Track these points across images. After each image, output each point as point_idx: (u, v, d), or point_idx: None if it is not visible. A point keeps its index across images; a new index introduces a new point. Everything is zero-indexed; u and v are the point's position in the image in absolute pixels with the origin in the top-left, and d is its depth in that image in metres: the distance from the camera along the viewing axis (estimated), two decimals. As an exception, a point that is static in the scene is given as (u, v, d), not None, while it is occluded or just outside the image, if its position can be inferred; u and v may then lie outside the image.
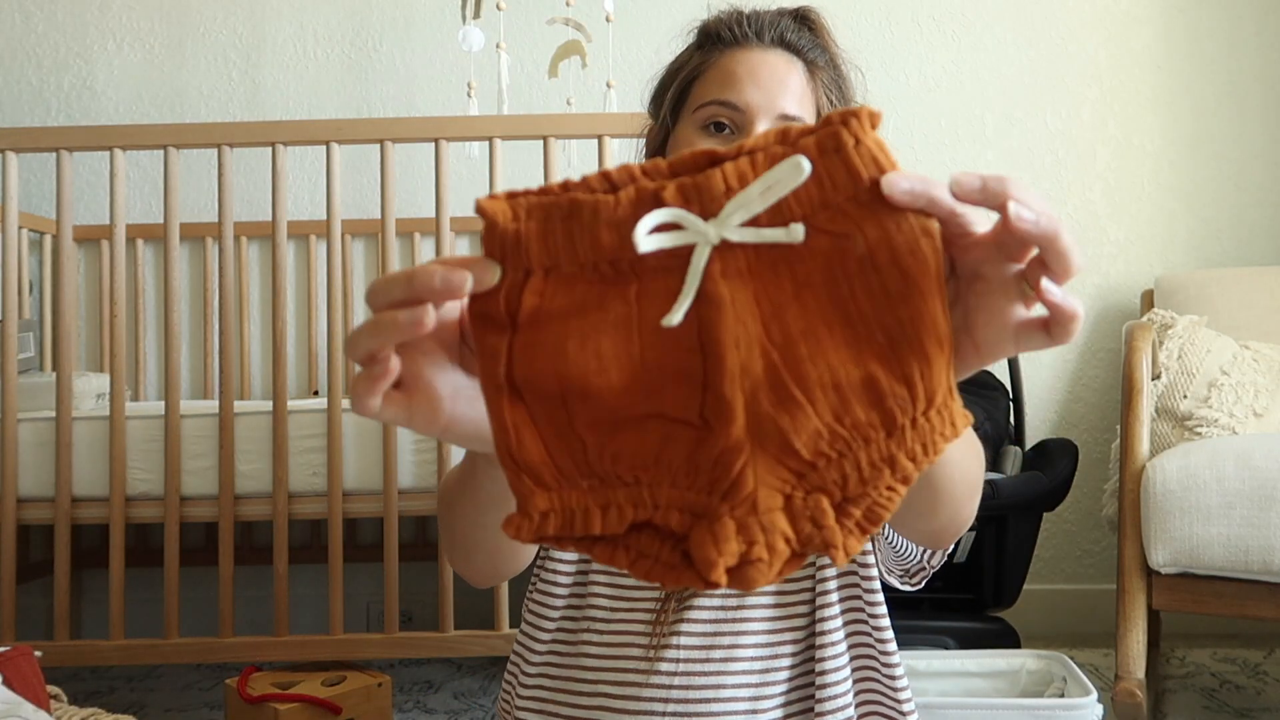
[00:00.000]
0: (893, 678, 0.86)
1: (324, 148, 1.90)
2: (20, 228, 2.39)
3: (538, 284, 0.44)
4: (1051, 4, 2.65)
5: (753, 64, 0.88)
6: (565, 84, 2.43)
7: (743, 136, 0.86)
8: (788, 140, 0.43)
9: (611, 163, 1.86)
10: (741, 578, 0.43)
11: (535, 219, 0.44)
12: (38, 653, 1.38)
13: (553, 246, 0.44)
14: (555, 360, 0.44)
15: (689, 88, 0.91)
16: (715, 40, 0.90)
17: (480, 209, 0.44)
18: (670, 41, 0.97)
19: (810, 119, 0.89)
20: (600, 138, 1.86)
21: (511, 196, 0.44)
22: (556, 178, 1.86)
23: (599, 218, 0.43)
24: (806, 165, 0.42)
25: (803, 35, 0.91)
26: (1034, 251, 0.42)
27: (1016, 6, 2.66)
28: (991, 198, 0.42)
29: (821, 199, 0.43)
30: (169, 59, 2.68)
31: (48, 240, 2.54)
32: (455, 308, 0.46)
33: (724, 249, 0.43)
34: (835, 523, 0.44)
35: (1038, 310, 0.44)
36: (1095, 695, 1.35)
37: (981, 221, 0.43)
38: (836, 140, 0.43)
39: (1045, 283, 0.42)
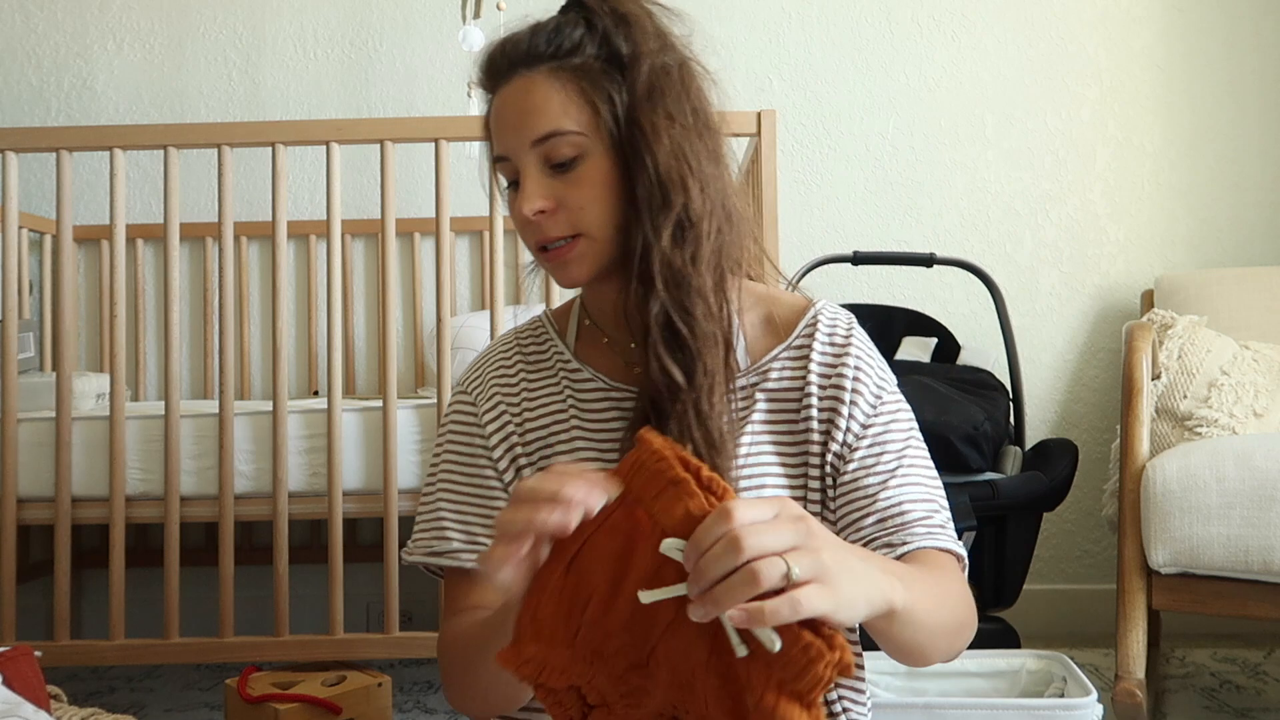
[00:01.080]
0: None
1: (324, 148, 1.90)
2: (20, 228, 2.39)
3: (629, 504, 0.62)
4: (1051, 4, 2.65)
5: (500, 109, 0.85)
6: (565, 84, 2.43)
7: (521, 184, 0.83)
8: (816, 635, 0.57)
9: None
10: None
11: (654, 470, 0.60)
12: (38, 653, 1.38)
13: (648, 492, 0.61)
14: (601, 563, 0.62)
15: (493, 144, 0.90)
16: (486, 89, 0.88)
17: (641, 436, 0.62)
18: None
19: (584, 123, 0.82)
20: (600, 138, 1.85)
21: (667, 442, 0.62)
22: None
23: (686, 504, 0.59)
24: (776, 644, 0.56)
25: (553, 38, 0.84)
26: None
27: (1016, 6, 2.66)
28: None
29: (769, 660, 0.56)
30: (169, 59, 2.69)
31: (48, 240, 2.54)
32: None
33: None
34: None
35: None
36: (1095, 695, 1.35)
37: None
38: (808, 651, 0.55)
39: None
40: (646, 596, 0.59)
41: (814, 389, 0.86)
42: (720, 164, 0.86)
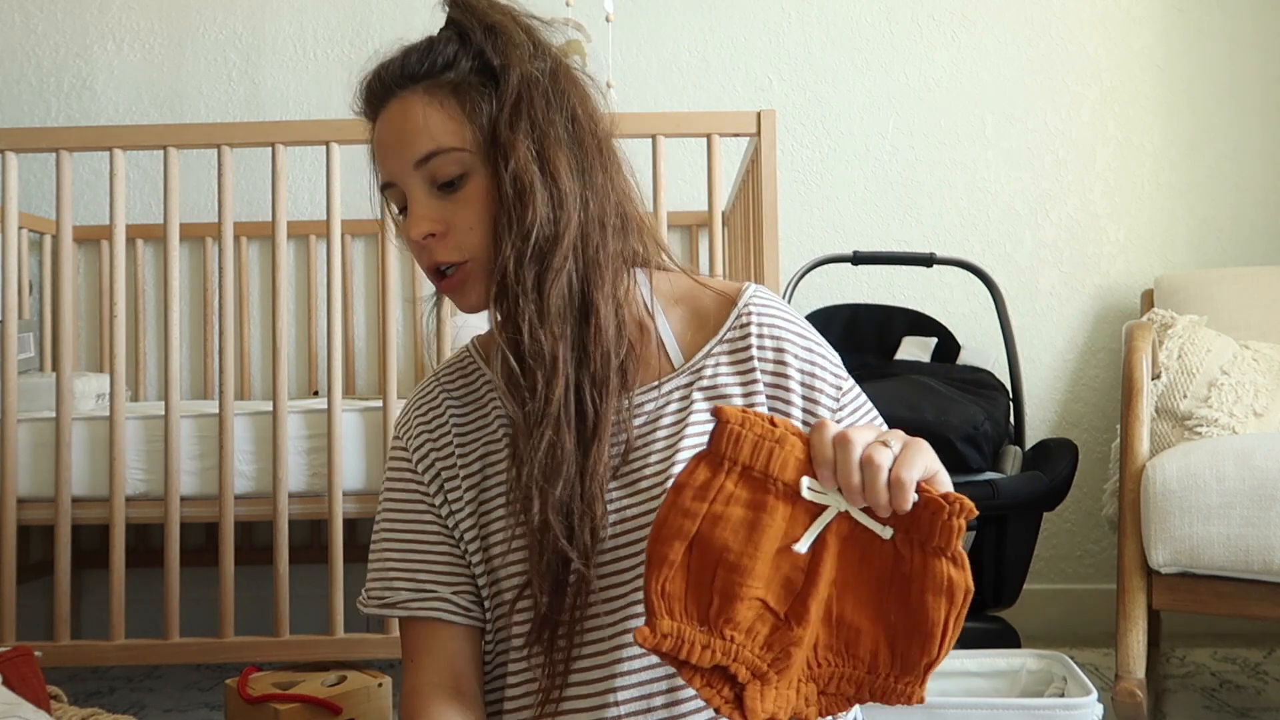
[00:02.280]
0: None
1: (324, 148, 1.90)
2: (20, 228, 2.39)
3: (737, 475, 0.66)
4: (1051, 4, 2.65)
5: (381, 135, 0.83)
6: (565, 84, 2.43)
7: (409, 207, 0.81)
8: (926, 483, 0.66)
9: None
10: None
11: (755, 432, 0.66)
12: (38, 653, 1.38)
13: (758, 455, 0.66)
14: (728, 534, 0.65)
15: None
16: (368, 115, 0.86)
17: (719, 410, 0.67)
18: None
19: (465, 139, 0.80)
20: (600, 138, 1.85)
21: (747, 412, 0.67)
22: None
23: (793, 453, 0.66)
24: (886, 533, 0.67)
25: (412, 55, 0.82)
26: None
27: (1016, 6, 2.66)
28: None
29: (907, 528, 0.66)
30: (169, 59, 2.69)
31: (48, 240, 2.54)
32: None
33: (843, 516, 0.67)
34: (814, 705, 0.69)
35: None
36: (1095, 695, 1.35)
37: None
38: (937, 508, 0.65)
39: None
40: (804, 543, 0.66)
41: (761, 392, 0.83)
42: (601, 171, 0.83)
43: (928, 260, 2.24)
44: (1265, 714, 1.88)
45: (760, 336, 0.85)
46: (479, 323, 2.29)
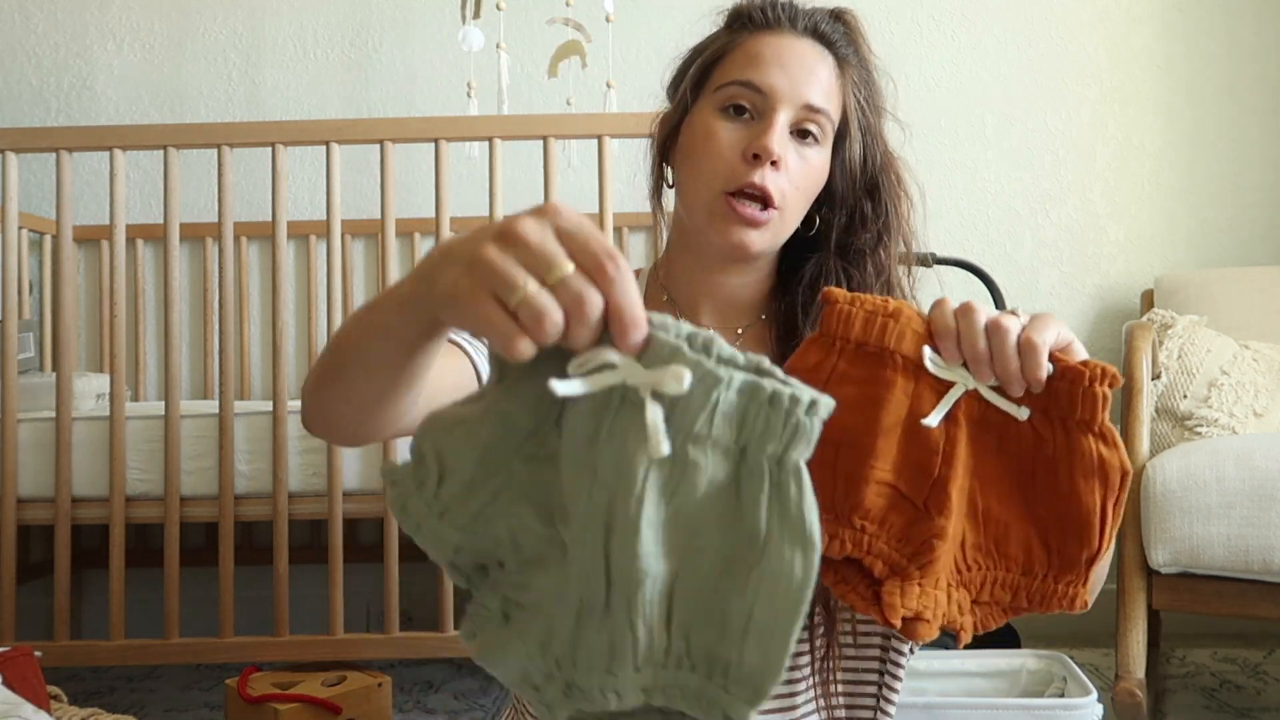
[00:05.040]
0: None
1: (324, 148, 1.90)
2: (20, 228, 2.39)
3: (850, 353, 0.60)
4: (1051, 4, 2.65)
5: (781, 49, 0.84)
6: (565, 84, 2.43)
7: (762, 121, 0.83)
8: (1055, 361, 0.59)
9: (611, 162, 1.86)
10: (910, 629, 0.59)
11: (865, 308, 0.60)
12: (38, 653, 1.39)
13: (870, 330, 0.60)
14: (845, 413, 0.55)
15: (712, 67, 0.87)
16: (745, 22, 0.87)
17: (829, 292, 0.61)
18: (674, 30, 0.95)
19: (835, 114, 0.86)
20: (600, 138, 1.85)
21: (857, 294, 0.61)
22: (556, 178, 1.86)
23: (910, 325, 0.60)
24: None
25: (837, 30, 0.88)
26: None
27: (1016, 6, 2.66)
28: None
29: (1046, 406, 0.59)
30: (169, 59, 2.68)
31: (48, 240, 2.54)
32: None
33: (972, 396, 0.60)
34: (968, 614, 0.61)
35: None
36: (1095, 695, 1.35)
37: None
38: (1077, 377, 0.58)
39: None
40: (934, 417, 0.58)
41: None
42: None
43: (928, 260, 2.24)
44: (1265, 714, 1.88)
45: None
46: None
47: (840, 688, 0.83)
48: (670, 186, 0.93)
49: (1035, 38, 2.65)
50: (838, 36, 0.87)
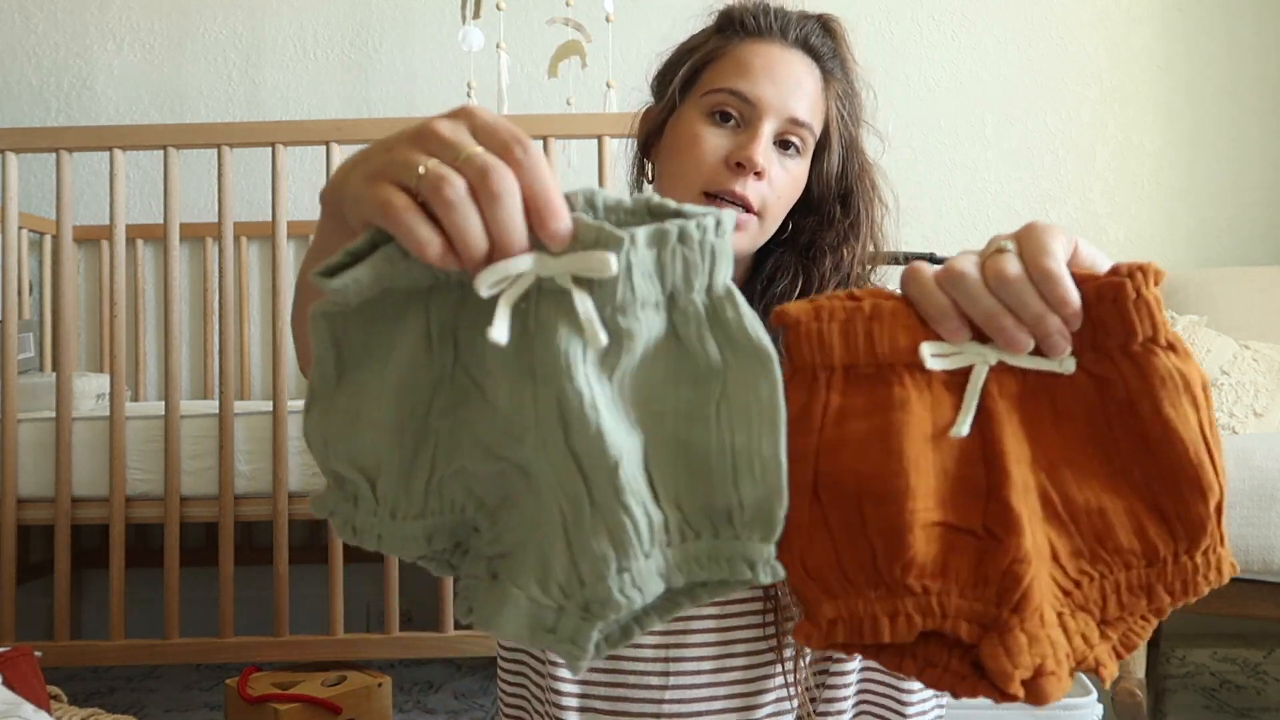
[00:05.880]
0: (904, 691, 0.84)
1: (324, 148, 1.90)
2: (20, 228, 2.39)
3: (839, 382, 0.47)
4: (1051, 4, 2.65)
5: (771, 59, 0.85)
6: (565, 84, 2.43)
7: (747, 131, 0.84)
8: (1079, 280, 0.46)
9: (611, 163, 1.86)
10: (1036, 690, 0.45)
11: (837, 320, 0.47)
12: (38, 653, 1.39)
13: (854, 345, 0.47)
14: (858, 459, 0.46)
15: (701, 70, 0.88)
16: (737, 27, 0.88)
17: (781, 313, 0.47)
18: (674, 30, 0.95)
19: (818, 128, 0.88)
20: (600, 138, 1.85)
21: (814, 301, 0.48)
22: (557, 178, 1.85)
23: (897, 320, 0.47)
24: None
25: (826, 43, 0.89)
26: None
27: (1016, 6, 2.66)
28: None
29: (1093, 341, 0.46)
30: (169, 59, 2.68)
31: (48, 240, 2.54)
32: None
33: (999, 370, 0.47)
34: (1101, 641, 0.48)
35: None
36: (1095, 695, 1.35)
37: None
38: (1118, 291, 0.45)
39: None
40: (962, 424, 0.46)
41: None
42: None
43: (928, 260, 2.24)
44: (1265, 714, 1.88)
45: None
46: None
47: (819, 691, 0.83)
48: (650, 182, 0.94)
49: (1035, 38, 2.65)
50: (826, 50, 0.89)
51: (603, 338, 0.41)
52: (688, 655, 0.81)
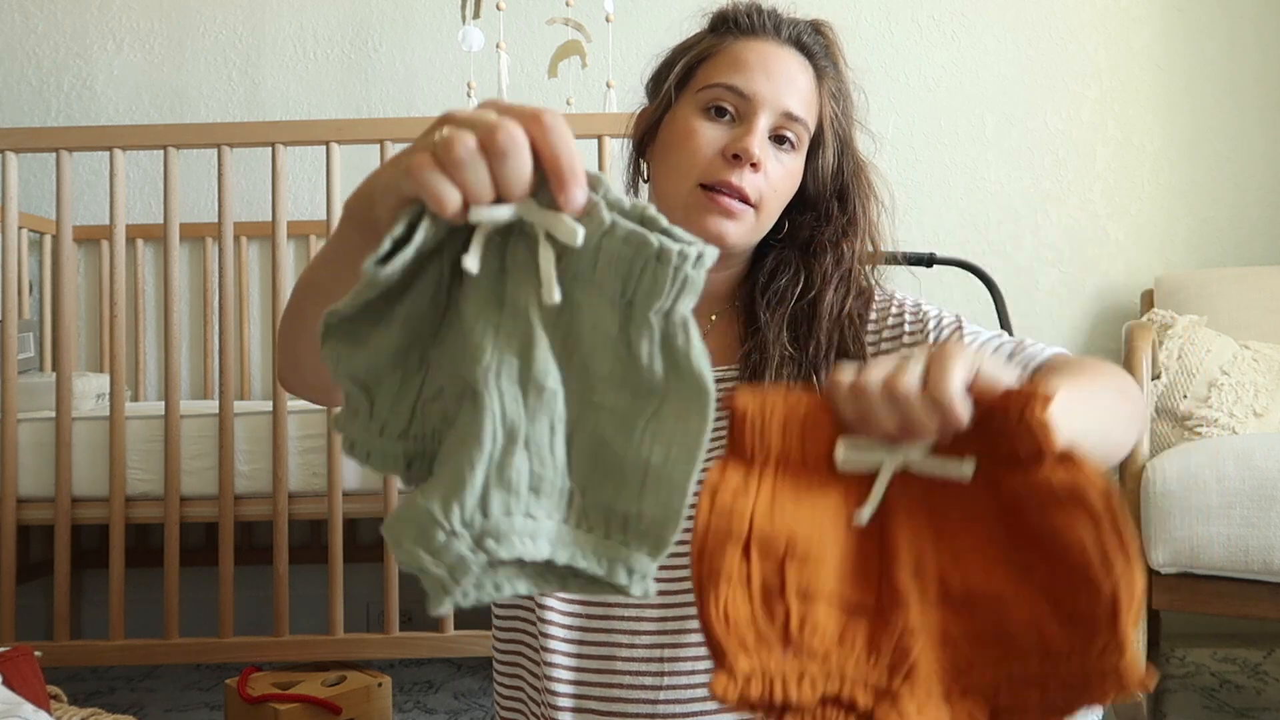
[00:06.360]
0: None
1: (324, 148, 1.91)
2: (20, 228, 2.39)
3: (773, 468, 0.52)
4: (1051, 4, 2.65)
5: (765, 55, 0.87)
6: (565, 84, 2.43)
7: (743, 125, 0.85)
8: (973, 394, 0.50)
9: (611, 163, 1.86)
10: None
11: (778, 417, 0.53)
12: (38, 653, 1.38)
13: (789, 440, 0.53)
14: (792, 522, 0.51)
15: (695, 68, 0.89)
16: (731, 25, 0.89)
17: (729, 402, 0.53)
18: (673, 30, 0.96)
19: (812, 124, 0.89)
20: (600, 138, 1.85)
21: (759, 394, 0.53)
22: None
23: (825, 420, 0.53)
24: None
25: (818, 42, 0.91)
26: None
27: (1016, 6, 2.66)
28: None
29: (990, 452, 0.50)
30: (169, 59, 2.68)
31: (48, 240, 2.54)
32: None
33: (905, 474, 0.52)
34: None
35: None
36: (1095, 695, 1.35)
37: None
38: (1005, 413, 0.49)
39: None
40: (864, 513, 0.51)
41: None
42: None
43: (928, 260, 2.24)
44: (1265, 714, 1.88)
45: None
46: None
47: None
48: (646, 181, 0.95)
49: (1035, 38, 2.65)
50: (818, 49, 0.90)
51: (555, 295, 0.44)
52: (683, 655, 0.81)
